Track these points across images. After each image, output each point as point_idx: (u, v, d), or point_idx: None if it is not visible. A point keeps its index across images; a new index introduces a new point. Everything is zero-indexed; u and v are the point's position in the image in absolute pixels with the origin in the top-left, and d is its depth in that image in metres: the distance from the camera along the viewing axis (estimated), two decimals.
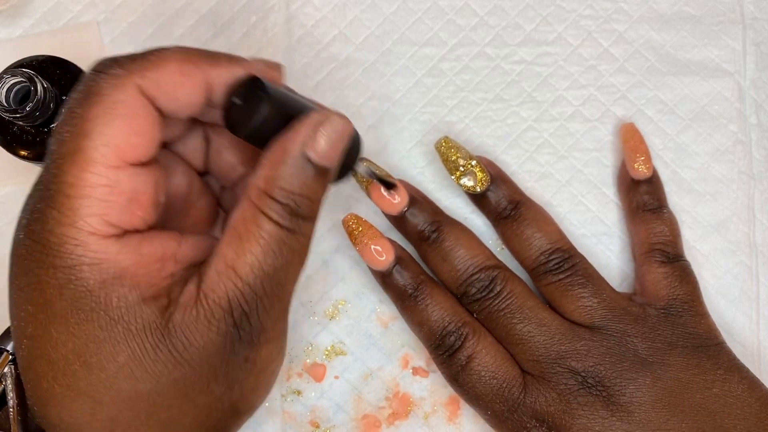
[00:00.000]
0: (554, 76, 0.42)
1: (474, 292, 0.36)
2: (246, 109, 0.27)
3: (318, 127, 0.27)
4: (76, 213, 0.25)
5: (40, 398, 0.26)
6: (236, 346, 0.26)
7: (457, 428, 0.39)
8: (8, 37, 0.42)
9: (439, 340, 0.36)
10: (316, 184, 0.27)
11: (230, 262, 0.26)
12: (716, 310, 0.40)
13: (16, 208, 0.40)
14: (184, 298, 0.25)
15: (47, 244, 0.25)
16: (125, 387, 0.25)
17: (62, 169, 0.25)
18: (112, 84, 0.25)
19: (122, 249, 0.25)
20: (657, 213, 0.38)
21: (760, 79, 0.42)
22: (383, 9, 0.43)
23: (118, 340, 0.25)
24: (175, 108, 0.27)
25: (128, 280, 0.25)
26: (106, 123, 0.25)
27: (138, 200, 0.26)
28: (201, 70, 0.27)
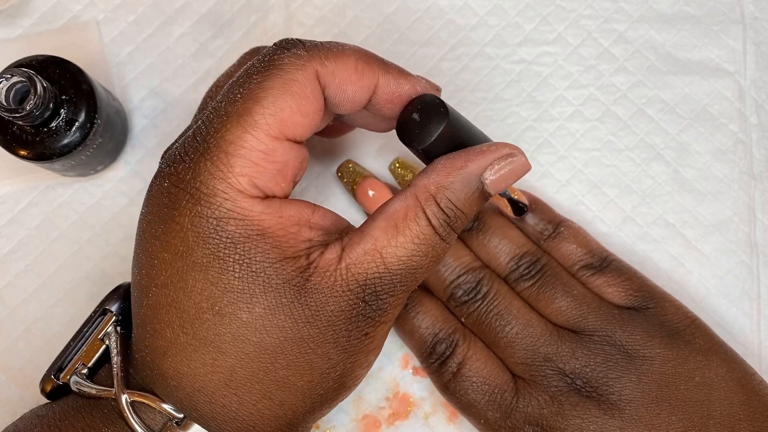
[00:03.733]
0: (554, 75, 0.42)
1: (461, 294, 0.36)
2: (425, 125, 0.29)
3: (504, 158, 0.29)
4: (230, 169, 0.26)
5: (158, 348, 0.27)
6: (360, 319, 0.27)
7: (457, 428, 0.38)
8: (8, 36, 0.42)
9: (430, 348, 0.36)
10: (475, 205, 0.29)
11: (380, 247, 0.27)
12: (717, 310, 0.40)
13: (16, 208, 0.40)
14: (323, 263, 0.27)
15: (196, 194, 0.26)
16: (253, 339, 0.26)
17: (226, 126, 0.26)
18: (294, 63, 0.27)
19: (265, 210, 0.26)
20: (557, 236, 0.38)
21: (760, 79, 0.42)
22: (383, 9, 0.42)
23: (255, 292, 0.26)
24: (341, 101, 0.28)
25: (270, 238, 0.26)
26: (279, 96, 0.26)
27: (285, 172, 0.27)
28: (373, 73, 0.29)
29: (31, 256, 0.40)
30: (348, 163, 0.40)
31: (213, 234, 0.26)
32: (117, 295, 0.31)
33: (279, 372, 0.27)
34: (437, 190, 0.28)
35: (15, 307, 0.39)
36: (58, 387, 0.30)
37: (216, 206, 0.26)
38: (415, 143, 0.29)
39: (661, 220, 0.41)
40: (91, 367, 0.30)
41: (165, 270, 0.27)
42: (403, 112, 0.30)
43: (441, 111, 0.29)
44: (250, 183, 0.26)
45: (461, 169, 0.28)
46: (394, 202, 0.28)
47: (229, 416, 0.27)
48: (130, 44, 0.42)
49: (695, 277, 0.40)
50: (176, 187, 0.26)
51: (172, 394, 0.27)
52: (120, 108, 0.40)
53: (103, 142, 0.37)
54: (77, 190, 0.41)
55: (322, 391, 0.28)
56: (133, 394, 0.27)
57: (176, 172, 0.27)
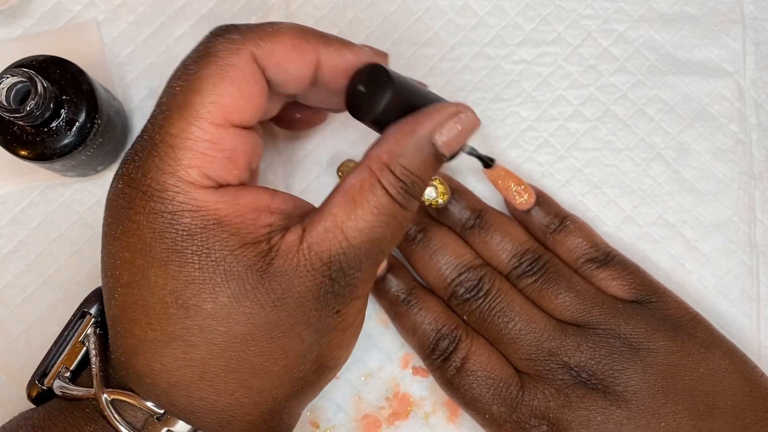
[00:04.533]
0: (554, 75, 0.42)
1: (462, 292, 0.36)
2: (371, 96, 0.28)
3: (451, 117, 0.29)
4: (178, 163, 0.26)
5: (130, 347, 0.27)
6: (329, 297, 0.27)
7: (457, 428, 0.38)
8: (8, 37, 0.42)
9: (434, 344, 0.36)
10: (431, 168, 0.29)
11: (340, 223, 0.27)
12: (717, 310, 0.40)
13: (16, 208, 0.40)
14: (284, 246, 0.27)
15: (148, 191, 0.26)
16: (221, 329, 0.26)
17: (169, 121, 0.26)
18: (228, 48, 0.27)
19: (220, 199, 0.26)
20: (563, 230, 0.38)
21: (760, 79, 0.42)
22: (383, 9, 0.43)
23: (218, 282, 0.26)
24: (284, 81, 0.28)
25: (228, 226, 0.26)
26: (217, 83, 0.26)
27: (235, 160, 0.27)
28: (313, 48, 0.28)
29: (31, 256, 0.40)
30: (349, 162, 0.40)
31: (169, 228, 0.26)
32: (95, 297, 0.31)
33: (252, 359, 0.27)
34: (390, 158, 0.28)
35: (15, 307, 0.39)
36: (44, 392, 0.30)
37: (168, 200, 0.26)
38: (363, 115, 0.29)
39: (661, 220, 0.41)
40: (74, 370, 0.30)
41: (127, 269, 0.27)
42: (349, 84, 0.29)
43: (385, 80, 0.28)
44: (200, 174, 0.26)
45: (411, 134, 0.28)
46: (349, 177, 0.28)
47: (208, 408, 0.27)
48: (130, 44, 0.42)
49: (695, 277, 0.40)
50: (129, 187, 0.27)
51: (150, 391, 0.27)
52: (120, 108, 0.40)
53: (103, 143, 0.37)
54: (77, 190, 0.41)
55: (300, 374, 0.28)
56: (113, 393, 0.27)
57: (128, 172, 0.27)
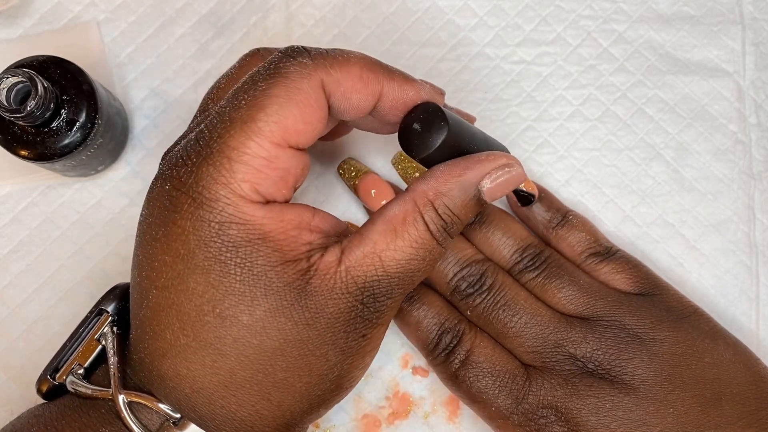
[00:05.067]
0: (554, 75, 0.42)
1: (465, 287, 0.36)
2: (426, 136, 0.29)
3: (501, 169, 0.30)
4: (233, 175, 0.26)
5: (157, 349, 0.27)
6: (358, 321, 0.28)
7: (457, 428, 0.39)
8: (8, 37, 0.42)
9: (437, 339, 0.36)
10: (471, 211, 0.30)
11: (379, 251, 0.28)
12: (716, 310, 0.40)
13: (16, 208, 0.40)
14: (323, 266, 0.27)
15: (198, 198, 0.26)
16: (254, 342, 0.27)
17: (230, 132, 0.26)
18: (300, 72, 0.27)
19: (266, 214, 0.27)
20: (565, 225, 0.38)
21: (759, 79, 0.42)
22: (383, 9, 0.43)
23: (256, 296, 0.26)
24: (345, 109, 0.29)
25: (272, 242, 0.27)
26: (283, 104, 0.27)
27: (286, 179, 0.27)
28: (378, 81, 0.29)
29: (31, 255, 0.40)
30: (349, 160, 0.40)
31: (215, 238, 0.26)
32: (113, 295, 0.31)
33: (278, 374, 0.27)
34: (435, 196, 0.29)
35: (16, 307, 0.40)
36: (54, 387, 0.30)
37: (218, 211, 0.26)
38: (415, 153, 0.29)
39: (661, 219, 0.41)
40: (87, 368, 0.30)
41: (166, 272, 0.27)
42: (404, 120, 0.30)
43: (441, 122, 0.29)
44: (251, 189, 0.26)
45: (459, 177, 0.29)
46: (393, 206, 0.29)
47: (228, 417, 0.27)
48: (130, 45, 0.42)
49: (694, 277, 0.40)
50: (178, 191, 0.27)
51: (171, 395, 0.27)
52: (121, 108, 0.40)
53: (103, 143, 0.37)
54: (78, 190, 0.41)
55: (319, 392, 0.29)
56: (130, 395, 0.27)
57: (178, 175, 0.27)
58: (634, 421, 0.33)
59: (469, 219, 0.30)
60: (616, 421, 0.33)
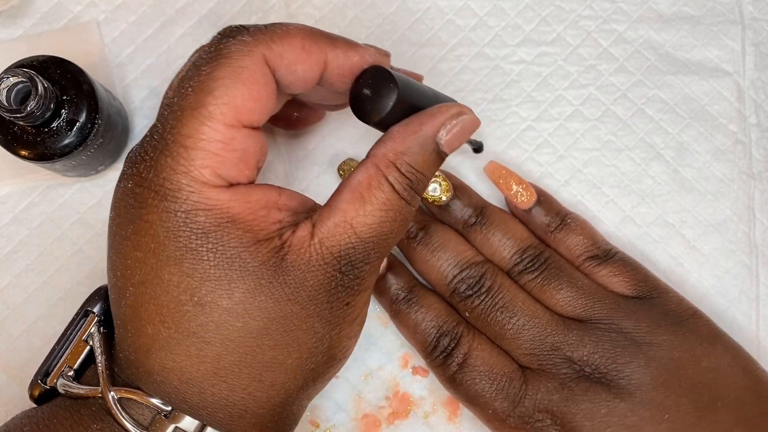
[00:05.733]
0: (554, 75, 0.42)
1: (464, 289, 0.36)
2: (376, 99, 0.29)
3: (453, 117, 0.30)
4: (191, 163, 0.26)
5: (141, 346, 0.27)
6: (339, 290, 0.28)
7: (457, 428, 0.39)
8: (9, 37, 0.42)
9: (435, 341, 0.36)
10: (434, 165, 0.30)
11: (349, 218, 0.28)
12: (716, 310, 0.40)
13: (16, 208, 0.40)
14: (296, 241, 0.27)
15: (161, 191, 0.26)
16: (237, 324, 0.26)
17: (181, 121, 0.26)
18: (241, 49, 0.27)
19: (232, 197, 0.27)
20: (564, 228, 0.38)
21: (759, 80, 0.42)
22: (383, 9, 0.43)
23: (233, 278, 0.26)
24: (292, 82, 0.29)
25: (241, 224, 0.26)
26: (230, 85, 0.26)
27: (246, 159, 0.27)
28: (321, 49, 0.29)
29: (31, 256, 0.40)
30: (349, 161, 0.40)
31: (183, 227, 0.26)
32: (98, 296, 0.31)
33: (266, 353, 0.27)
34: (395, 156, 0.29)
35: (15, 307, 0.40)
36: (46, 391, 0.30)
37: (182, 200, 0.26)
38: (369, 118, 0.29)
39: (661, 219, 0.41)
40: (77, 369, 0.30)
41: (139, 268, 0.27)
42: (353, 86, 0.30)
43: (390, 84, 0.29)
44: (212, 173, 0.26)
45: (416, 134, 0.29)
46: (356, 174, 0.29)
47: (220, 403, 0.27)
48: (130, 45, 0.42)
49: (694, 277, 0.40)
50: (140, 187, 0.27)
51: (160, 389, 0.27)
52: (121, 108, 0.40)
53: (103, 143, 0.37)
54: (78, 190, 0.41)
55: (312, 365, 0.29)
56: (120, 391, 0.27)
57: (138, 172, 0.27)
58: (629, 426, 0.33)
59: (433, 174, 0.30)
60: (610, 426, 0.33)
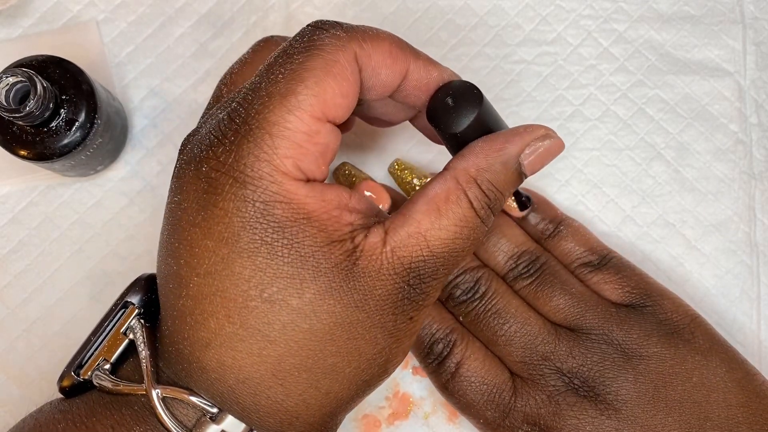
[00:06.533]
0: (554, 75, 0.42)
1: (459, 294, 0.36)
2: (459, 110, 0.29)
3: (541, 140, 0.29)
4: (275, 151, 0.25)
5: (200, 340, 0.26)
6: (406, 303, 0.27)
7: (457, 428, 0.38)
8: (8, 37, 0.42)
9: (428, 348, 0.36)
10: (513, 186, 0.29)
11: (423, 230, 0.27)
12: (717, 310, 0.40)
13: (16, 208, 0.40)
14: (368, 247, 0.26)
15: (241, 177, 0.25)
16: (304, 326, 0.25)
17: (268, 107, 0.25)
18: (334, 43, 0.26)
19: (309, 193, 0.26)
20: (557, 235, 0.38)
21: (760, 79, 0.42)
22: (383, 9, 0.43)
23: (305, 278, 0.25)
24: (374, 85, 0.28)
25: (317, 222, 0.26)
26: (322, 77, 0.26)
27: (326, 155, 0.27)
28: (405, 57, 0.28)
29: (31, 256, 0.40)
30: (344, 166, 0.40)
31: (260, 218, 0.25)
32: (138, 287, 0.30)
33: (328, 359, 0.26)
34: (477, 172, 0.28)
35: (15, 307, 0.40)
36: (77, 384, 0.29)
37: (262, 189, 0.25)
38: (450, 127, 0.29)
39: (661, 219, 0.41)
40: (114, 363, 0.29)
41: (208, 258, 0.25)
42: (433, 97, 0.30)
43: (475, 95, 0.29)
44: (294, 165, 0.25)
45: (500, 151, 0.28)
46: (434, 185, 0.28)
47: (273, 408, 0.26)
48: (130, 44, 0.42)
49: (695, 277, 0.40)
50: (217, 171, 0.25)
51: (213, 387, 0.26)
52: (120, 108, 0.40)
53: (103, 142, 0.37)
54: (77, 190, 0.41)
55: (367, 377, 0.28)
56: (165, 389, 0.26)
57: (215, 155, 0.26)
58: None
59: (511, 194, 0.29)
60: None
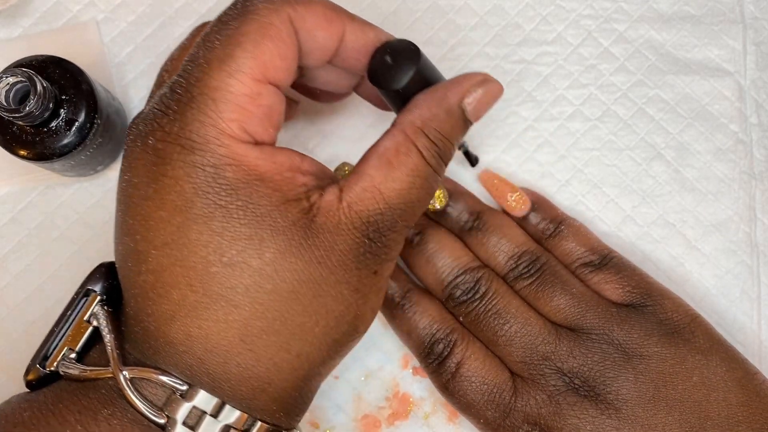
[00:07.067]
0: (554, 75, 0.42)
1: (459, 294, 0.36)
2: (398, 67, 0.29)
3: (479, 85, 0.30)
4: (219, 115, 0.25)
5: (164, 314, 0.26)
6: (368, 257, 0.27)
7: (457, 428, 0.38)
8: (8, 36, 0.42)
9: (428, 348, 0.36)
10: (460, 133, 0.30)
11: (377, 184, 0.27)
12: (717, 310, 0.40)
13: (15, 208, 0.40)
14: (324, 203, 0.27)
15: (187, 144, 0.25)
16: (267, 287, 0.25)
17: (208, 73, 0.26)
18: (268, 7, 0.27)
19: (259, 155, 0.26)
20: (557, 235, 0.38)
21: (760, 79, 0.42)
22: (383, 9, 0.42)
23: (263, 237, 0.25)
24: (311, 48, 0.28)
25: (270, 182, 0.26)
26: (258, 39, 0.26)
27: (271, 117, 0.27)
28: (340, 20, 0.29)
29: (31, 256, 0.40)
30: (344, 165, 0.40)
31: (211, 182, 0.25)
32: (99, 274, 0.30)
33: (295, 319, 0.26)
34: (423, 123, 0.28)
35: (15, 307, 0.39)
36: (43, 377, 0.28)
37: (210, 153, 0.25)
38: (391, 84, 0.29)
39: (662, 219, 0.41)
40: (79, 352, 0.28)
41: (163, 228, 0.25)
42: (373, 57, 0.30)
43: (413, 51, 0.29)
44: (240, 128, 0.26)
45: (442, 100, 0.29)
46: (383, 141, 0.28)
47: (245, 375, 0.26)
48: (130, 44, 0.42)
49: (695, 277, 0.40)
50: (163, 142, 0.26)
51: (181, 360, 0.26)
52: (120, 108, 0.40)
53: (103, 142, 0.37)
54: (77, 190, 0.41)
55: (337, 335, 0.28)
56: (132, 370, 0.26)
57: (160, 126, 0.26)
58: None
59: (458, 142, 0.30)
60: None
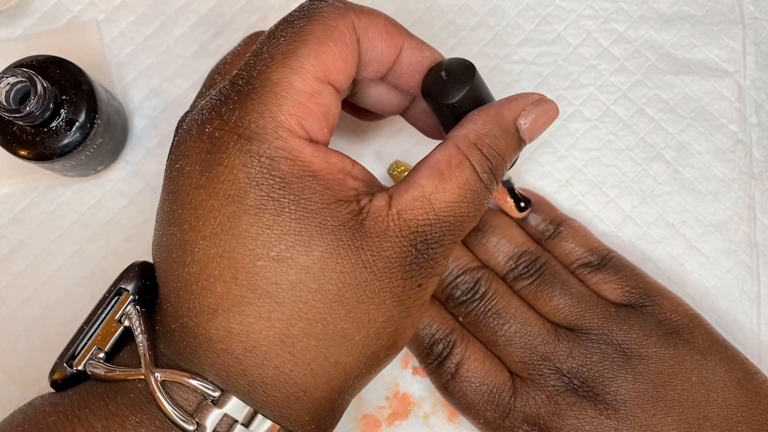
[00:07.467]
0: (554, 75, 0.42)
1: (459, 295, 0.36)
2: (453, 82, 0.29)
3: (536, 105, 0.29)
4: (279, 108, 0.25)
5: (206, 307, 0.25)
6: (414, 269, 0.27)
7: (457, 428, 0.38)
8: (8, 37, 0.42)
9: (428, 348, 0.36)
10: (513, 151, 0.29)
11: (428, 194, 0.27)
12: (717, 310, 0.40)
13: (16, 208, 0.40)
14: (374, 209, 0.26)
15: (244, 134, 0.25)
16: (312, 286, 0.25)
17: (271, 67, 0.26)
18: (334, 11, 0.27)
19: (314, 153, 0.26)
20: (557, 236, 0.38)
21: (760, 79, 0.42)
22: (383, 9, 0.42)
23: (312, 234, 0.25)
24: (370, 59, 0.29)
25: (322, 180, 0.25)
26: (322, 40, 0.26)
27: (328, 117, 0.27)
28: (400, 35, 0.29)
29: (31, 256, 0.40)
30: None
31: (266, 174, 0.25)
32: (132, 273, 0.29)
33: (337, 324, 0.26)
34: (477, 138, 0.28)
35: (15, 307, 0.39)
36: (69, 377, 0.27)
37: (267, 144, 0.25)
38: (445, 98, 0.29)
39: (661, 219, 0.41)
40: (108, 352, 0.27)
41: (214, 218, 0.25)
42: (428, 74, 0.30)
43: (468, 67, 0.29)
44: (298, 123, 0.25)
45: (497, 117, 0.29)
46: (435, 153, 0.28)
47: (281, 379, 0.25)
48: (130, 44, 0.42)
49: (695, 277, 0.40)
50: (221, 130, 0.25)
51: (218, 360, 0.25)
52: (120, 108, 0.40)
53: (103, 142, 0.37)
54: (77, 190, 0.41)
55: (375, 348, 0.27)
56: (165, 372, 0.25)
57: (219, 115, 0.26)
58: None
59: (511, 161, 0.29)
60: None
